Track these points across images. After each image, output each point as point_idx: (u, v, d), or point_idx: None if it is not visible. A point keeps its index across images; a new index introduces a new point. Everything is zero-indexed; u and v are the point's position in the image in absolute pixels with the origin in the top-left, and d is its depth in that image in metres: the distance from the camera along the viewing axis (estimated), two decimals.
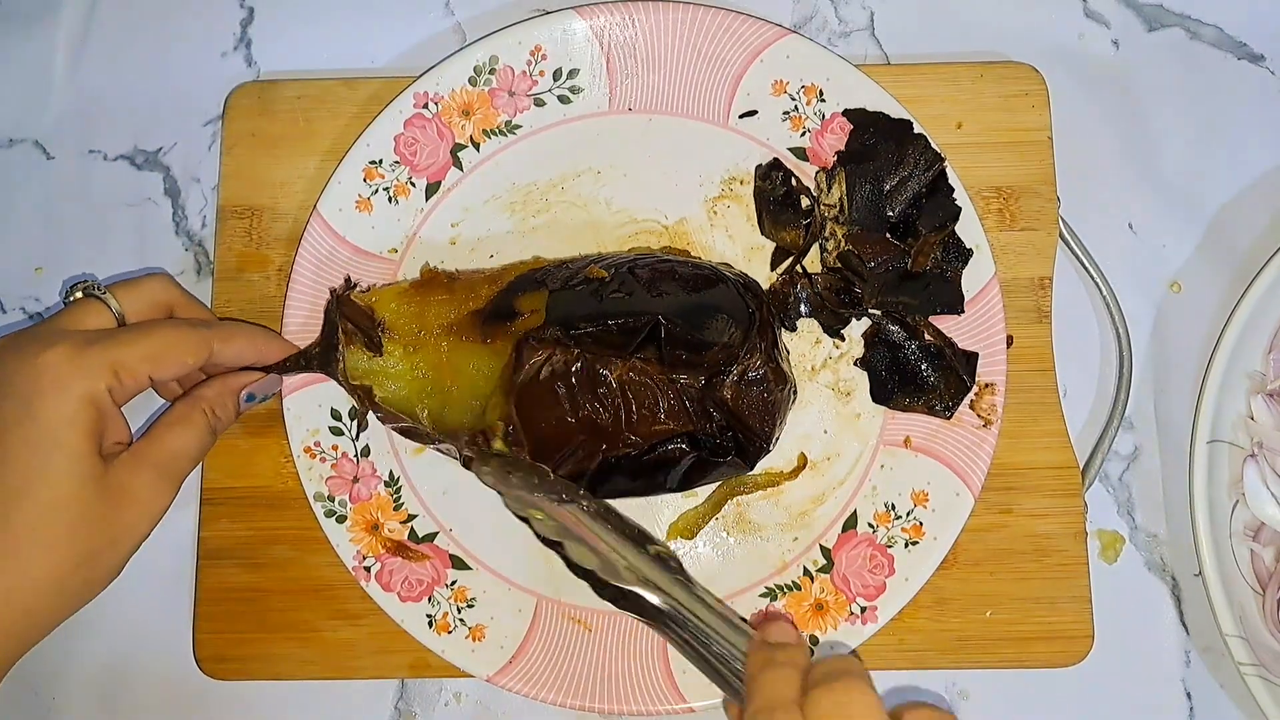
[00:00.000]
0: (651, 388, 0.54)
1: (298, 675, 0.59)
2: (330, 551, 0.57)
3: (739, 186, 0.62)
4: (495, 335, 0.55)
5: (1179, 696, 0.61)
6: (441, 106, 0.61)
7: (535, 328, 0.54)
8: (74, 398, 0.48)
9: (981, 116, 0.63)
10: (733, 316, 0.54)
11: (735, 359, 0.54)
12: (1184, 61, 0.67)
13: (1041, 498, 0.60)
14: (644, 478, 0.55)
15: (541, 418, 0.54)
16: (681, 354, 0.53)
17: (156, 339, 0.51)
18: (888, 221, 0.58)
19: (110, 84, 0.67)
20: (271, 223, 0.62)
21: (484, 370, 0.56)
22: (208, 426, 0.53)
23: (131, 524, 0.50)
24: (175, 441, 0.52)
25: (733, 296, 0.55)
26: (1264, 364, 0.60)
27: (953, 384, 0.58)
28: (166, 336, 0.51)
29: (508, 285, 0.56)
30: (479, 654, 0.57)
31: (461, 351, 0.56)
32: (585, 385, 0.54)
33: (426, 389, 0.57)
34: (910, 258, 0.58)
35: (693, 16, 0.60)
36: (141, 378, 0.50)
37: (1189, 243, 0.65)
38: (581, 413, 0.54)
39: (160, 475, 0.51)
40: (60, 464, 0.47)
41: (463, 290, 0.57)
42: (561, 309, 0.54)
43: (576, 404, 0.54)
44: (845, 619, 0.57)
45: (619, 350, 0.53)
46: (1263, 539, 0.59)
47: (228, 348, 0.54)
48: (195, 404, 0.53)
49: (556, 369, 0.54)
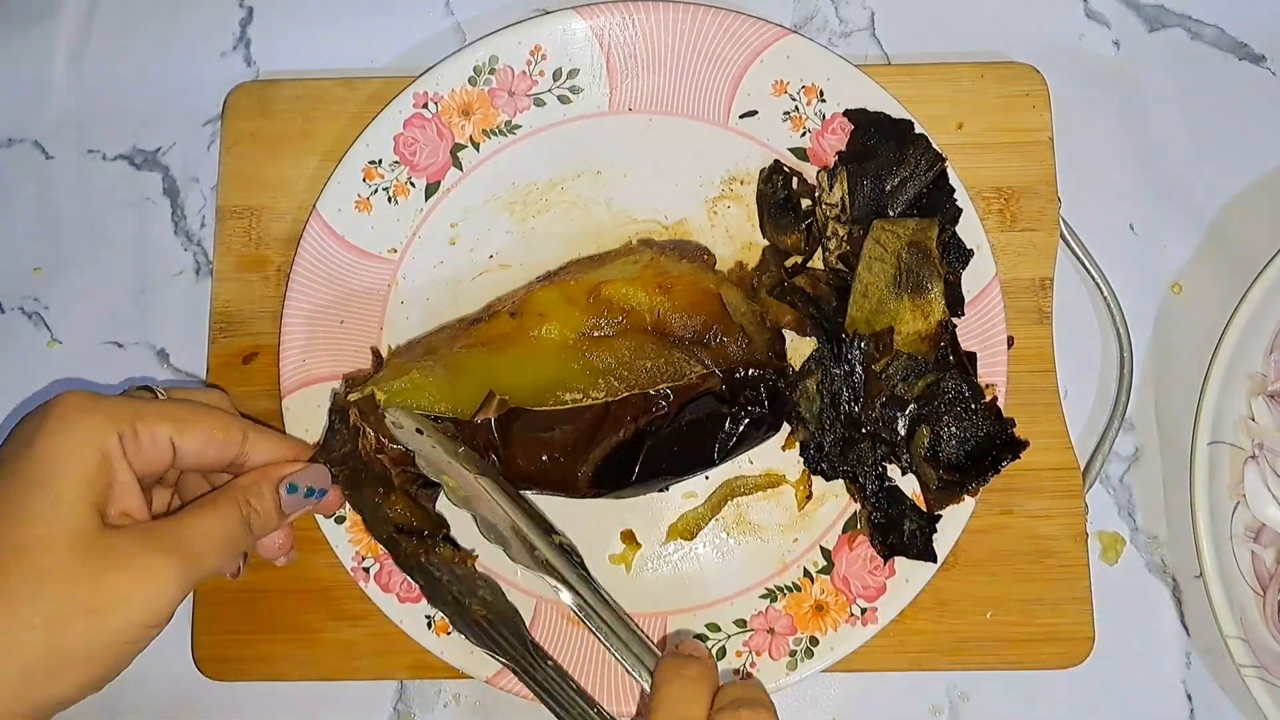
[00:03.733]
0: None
1: (297, 676, 0.59)
2: (329, 552, 0.57)
3: (739, 187, 0.62)
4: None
5: (1180, 698, 0.61)
6: (441, 106, 0.60)
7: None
8: (76, 437, 0.43)
9: (982, 117, 0.63)
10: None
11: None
12: (1185, 62, 0.67)
13: (1042, 499, 0.60)
14: (685, 447, 0.54)
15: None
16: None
17: (186, 405, 0.48)
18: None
19: (110, 84, 0.67)
20: (271, 223, 0.62)
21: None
22: (238, 516, 0.47)
23: (118, 592, 0.42)
24: (198, 523, 0.46)
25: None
26: (1265, 365, 0.60)
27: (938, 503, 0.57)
28: (197, 406, 0.48)
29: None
30: (478, 655, 0.57)
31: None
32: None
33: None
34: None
35: (693, 16, 0.60)
36: (162, 440, 0.46)
37: (1190, 243, 0.65)
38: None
39: (169, 555, 0.44)
40: (41, 505, 0.42)
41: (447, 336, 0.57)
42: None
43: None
44: (846, 620, 0.57)
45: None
46: (1263, 540, 0.59)
47: (263, 439, 0.50)
48: (228, 490, 0.48)
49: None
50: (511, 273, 0.61)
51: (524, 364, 0.54)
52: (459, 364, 0.54)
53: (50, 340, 0.64)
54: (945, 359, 0.56)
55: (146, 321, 0.64)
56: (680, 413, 0.53)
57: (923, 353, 0.56)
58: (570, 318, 0.55)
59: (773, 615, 0.58)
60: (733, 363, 0.54)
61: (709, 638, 0.58)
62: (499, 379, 0.53)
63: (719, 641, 0.58)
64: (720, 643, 0.58)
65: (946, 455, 0.55)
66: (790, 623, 0.58)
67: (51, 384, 0.63)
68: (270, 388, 0.60)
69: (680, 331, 0.55)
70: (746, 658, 0.57)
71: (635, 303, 0.55)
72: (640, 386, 0.53)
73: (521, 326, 0.55)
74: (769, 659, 0.57)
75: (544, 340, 0.54)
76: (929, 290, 0.56)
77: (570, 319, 0.55)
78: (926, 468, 0.56)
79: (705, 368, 0.54)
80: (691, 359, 0.54)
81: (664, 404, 0.53)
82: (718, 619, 0.58)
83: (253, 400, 0.60)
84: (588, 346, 0.54)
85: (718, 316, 0.55)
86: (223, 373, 0.61)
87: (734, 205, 0.62)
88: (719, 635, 0.58)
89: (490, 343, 0.54)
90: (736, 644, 0.58)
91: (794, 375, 0.58)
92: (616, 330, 0.55)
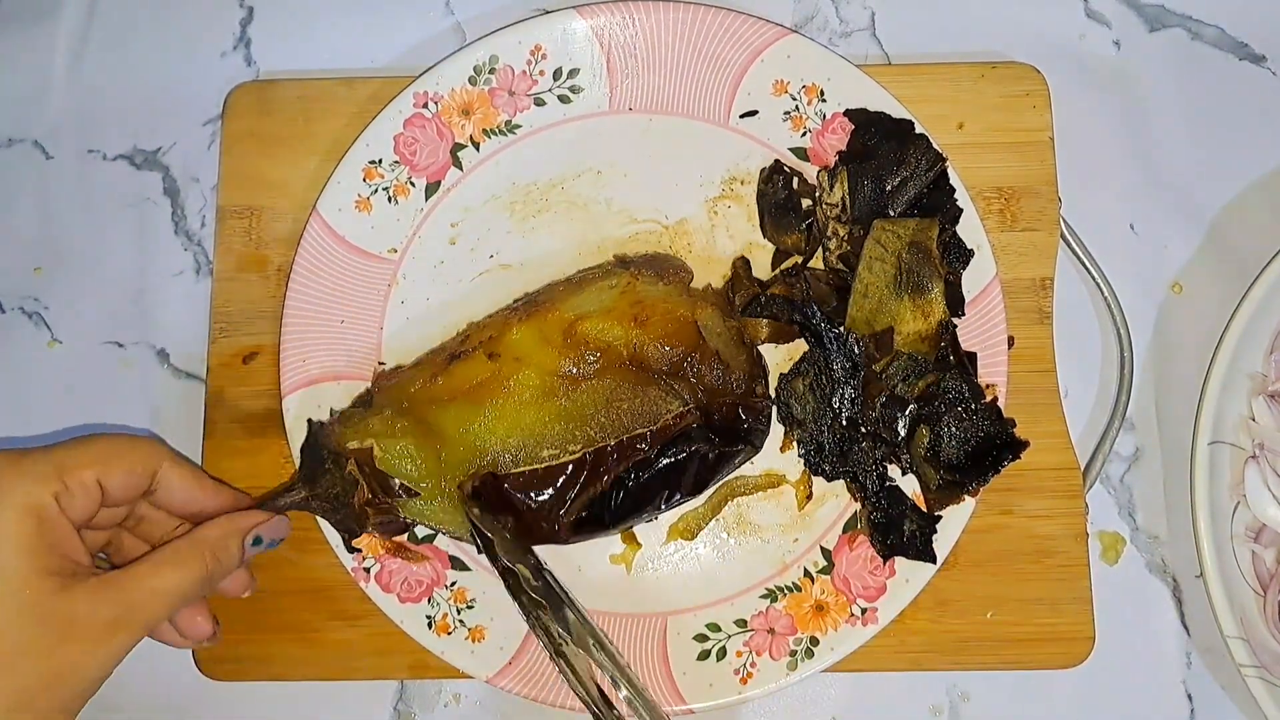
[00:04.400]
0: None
1: (297, 676, 0.59)
2: (329, 552, 0.57)
3: (739, 186, 0.62)
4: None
5: (1180, 698, 0.61)
6: (441, 106, 0.60)
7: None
8: (12, 505, 0.43)
9: (983, 117, 0.63)
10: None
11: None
12: (1185, 62, 0.66)
13: (1042, 499, 0.60)
14: (666, 486, 0.54)
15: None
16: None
17: (103, 442, 0.47)
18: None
19: (109, 84, 0.67)
20: (271, 222, 0.62)
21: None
22: (202, 570, 0.47)
23: (76, 664, 0.43)
24: (156, 579, 0.46)
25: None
26: (1265, 365, 0.60)
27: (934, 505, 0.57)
28: (114, 440, 0.48)
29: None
30: (478, 655, 0.57)
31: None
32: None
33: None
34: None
35: (693, 16, 0.60)
36: (90, 484, 0.46)
37: (1190, 243, 0.65)
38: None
39: (124, 614, 0.44)
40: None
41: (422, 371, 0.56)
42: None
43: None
44: (846, 620, 0.57)
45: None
46: (1264, 540, 0.59)
47: (179, 468, 0.50)
48: (195, 544, 0.48)
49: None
50: (511, 272, 0.61)
51: (501, 419, 0.53)
52: (441, 426, 0.53)
53: (50, 340, 0.64)
54: (945, 359, 0.56)
55: (146, 321, 0.64)
56: (659, 455, 0.53)
57: (923, 353, 0.56)
58: (547, 359, 0.54)
59: (773, 615, 0.58)
60: (710, 394, 0.54)
61: (709, 638, 0.58)
62: (478, 440, 0.53)
63: (719, 641, 0.58)
64: (720, 643, 0.58)
65: (947, 455, 0.55)
66: (790, 623, 0.58)
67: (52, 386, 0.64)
68: (270, 388, 0.60)
69: (657, 364, 0.55)
70: (747, 658, 0.57)
71: (611, 338, 0.55)
72: (617, 434, 0.53)
73: (499, 374, 0.54)
74: (769, 659, 0.57)
75: (520, 388, 0.54)
76: (929, 290, 0.56)
77: (547, 360, 0.54)
78: (927, 468, 0.56)
79: (683, 404, 0.54)
80: (669, 395, 0.54)
81: (642, 447, 0.53)
82: (718, 619, 0.58)
83: (253, 400, 0.61)
84: (564, 391, 0.54)
85: (694, 344, 0.55)
86: (223, 373, 0.61)
87: (734, 205, 0.62)
88: (719, 635, 0.58)
89: (467, 394, 0.54)
90: (737, 644, 0.58)
91: (784, 376, 0.58)
92: (593, 371, 0.54)
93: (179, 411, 0.63)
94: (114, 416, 0.63)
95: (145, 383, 0.63)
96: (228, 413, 0.61)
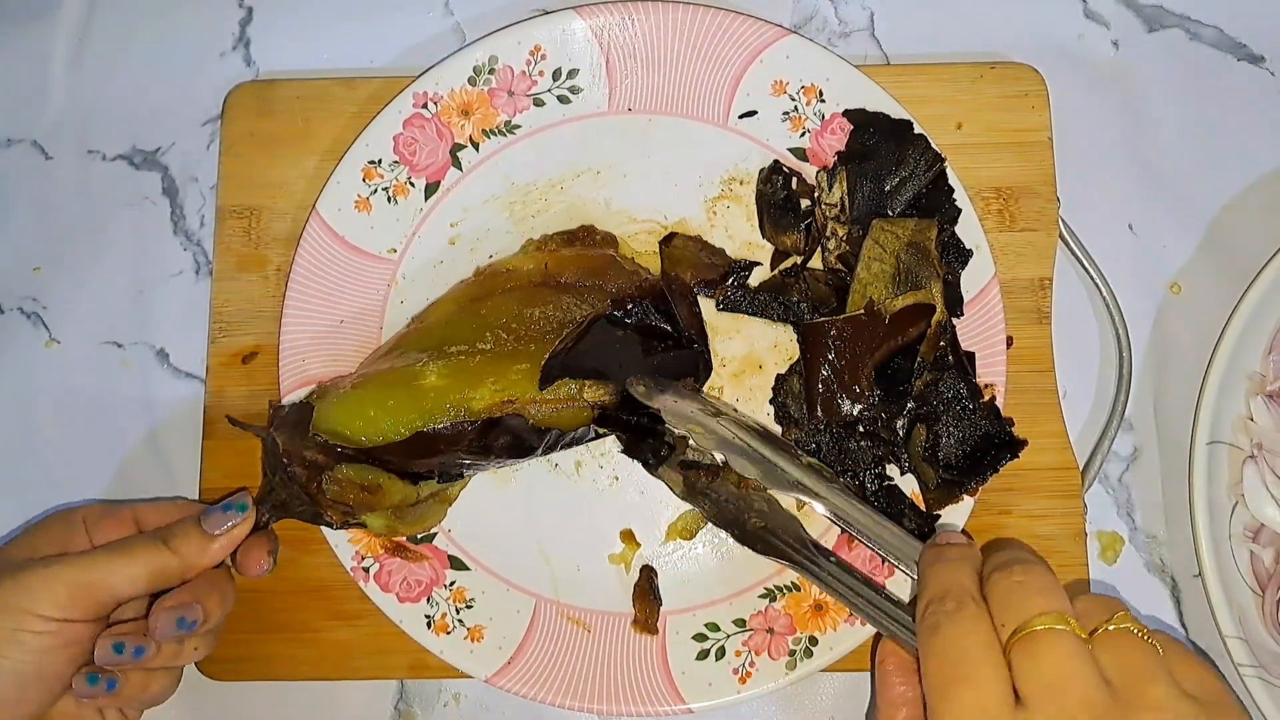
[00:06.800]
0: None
1: (296, 676, 0.59)
2: (329, 552, 0.57)
3: (739, 187, 0.62)
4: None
5: None
6: (441, 106, 0.60)
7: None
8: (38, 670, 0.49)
9: (981, 117, 0.63)
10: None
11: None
12: (1184, 62, 0.67)
13: (1041, 499, 0.60)
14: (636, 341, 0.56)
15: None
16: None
17: (97, 559, 0.50)
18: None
19: (109, 84, 0.67)
20: (270, 223, 0.62)
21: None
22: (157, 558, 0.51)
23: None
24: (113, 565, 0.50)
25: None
26: (1264, 365, 0.60)
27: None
28: (113, 550, 0.51)
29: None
30: (478, 655, 0.57)
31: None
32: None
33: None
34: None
35: (693, 16, 0.60)
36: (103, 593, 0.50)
37: (1189, 243, 0.65)
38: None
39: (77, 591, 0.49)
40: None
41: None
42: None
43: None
44: (845, 619, 0.57)
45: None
46: (1262, 540, 0.59)
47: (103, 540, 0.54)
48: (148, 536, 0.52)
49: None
50: None
51: (430, 337, 0.56)
52: (382, 380, 0.54)
53: (49, 340, 0.64)
54: (944, 359, 0.56)
55: (146, 321, 0.64)
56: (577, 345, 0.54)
57: (922, 353, 0.56)
58: (458, 293, 0.58)
59: (772, 615, 0.58)
60: (623, 293, 0.57)
61: (708, 637, 0.58)
62: (413, 376, 0.54)
63: (718, 641, 0.58)
64: (719, 642, 0.58)
65: (945, 455, 0.55)
66: (789, 622, 0.58)
67: (51, 386, 0.64)
68: (270, 388, 0.60)
69: (572, 279, 0.57)
70: (746, 657, 0.57)
71: (523, 267, 0.58)
72: (529, 338, 0.54)
73: (420, 327, 0.57)
74: (768, 658, 0.57)
75: (434, 316, 0.57)
76: (928, 290, 0.56)
77: (459, 294, 0.57)
78: (925, 467, 0.56)
79: (594, 309, 0.55)
80: (581, 302, 0.56)
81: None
82: (717, 618, 0.58)
83: (253, 400, 0.61)
84: (475, 304, 0.56)
85: (609, 265, 0.57)
86: (222, 373, 0.61)
87: (733, 205, 0.62)
88: (718, 635, 0.58)
89: (398, 364, 0.55)
90: (736, 644, 0.58)
91: (781, 376, 0.59)
92: (505, 289, 0.57)
93: (178, 411, 0.63)
94: (113, 416, 0.63)
95: (145, 383, 0.63)
96: (228, 413, 0.61)
